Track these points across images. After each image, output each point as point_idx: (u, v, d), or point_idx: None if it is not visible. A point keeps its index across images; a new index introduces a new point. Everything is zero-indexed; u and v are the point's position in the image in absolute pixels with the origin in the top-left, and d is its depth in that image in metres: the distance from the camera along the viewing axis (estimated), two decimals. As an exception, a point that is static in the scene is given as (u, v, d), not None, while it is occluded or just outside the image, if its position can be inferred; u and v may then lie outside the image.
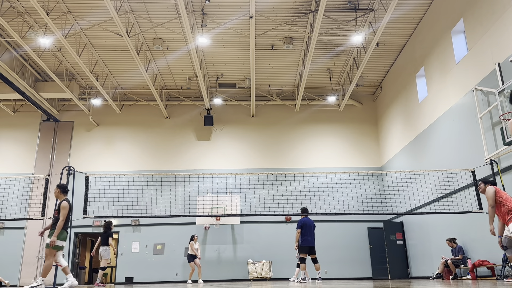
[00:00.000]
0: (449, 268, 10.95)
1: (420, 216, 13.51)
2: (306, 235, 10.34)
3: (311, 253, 10.41)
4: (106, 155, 17.21)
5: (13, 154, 17.18)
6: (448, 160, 11.48)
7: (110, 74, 16.11)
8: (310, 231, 10.41)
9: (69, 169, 9.25)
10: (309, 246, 10.34)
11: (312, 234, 10.42)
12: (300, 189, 15.82)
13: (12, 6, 11.89)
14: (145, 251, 16.02)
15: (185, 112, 17.85)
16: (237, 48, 14.39)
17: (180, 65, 15.57)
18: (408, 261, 14.92)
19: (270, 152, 17.30)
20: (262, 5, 11.99)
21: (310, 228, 10.42)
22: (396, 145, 15.52)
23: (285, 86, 17.27)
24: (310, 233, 10.38)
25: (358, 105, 17.89)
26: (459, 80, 10.87)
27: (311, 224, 10.52)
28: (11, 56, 14.10)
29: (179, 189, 15.65)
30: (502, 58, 8.96)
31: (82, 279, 17.46)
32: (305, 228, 10.39)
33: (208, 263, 15.87)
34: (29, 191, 16.14)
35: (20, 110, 17.71)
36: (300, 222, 10.49)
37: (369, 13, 12.30)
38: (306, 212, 10.69)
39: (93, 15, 12.37)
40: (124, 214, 14.68)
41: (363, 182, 16.55)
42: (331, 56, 14.93)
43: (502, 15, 8.96)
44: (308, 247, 10.33)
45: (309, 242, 10.31)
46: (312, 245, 10.38)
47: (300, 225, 10.43)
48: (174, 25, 12.91)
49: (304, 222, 10.47)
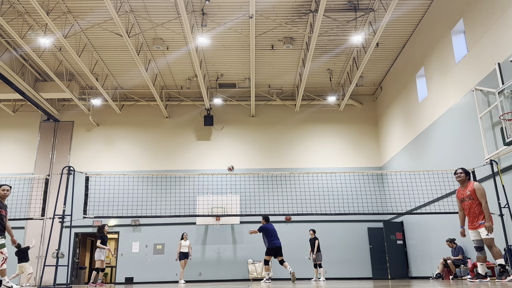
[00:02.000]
0: (449, 268, 10.94)
1: (420, 216, 13.51)
2: (272, 237, 10.44)
3: (278, 255, 10.49)
4: (106, 155, 17.21)
5: (13, 154, 17.17)
6: (448, 160, 11.47)
7: (110, 74, 16.11)
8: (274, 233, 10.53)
9: (69, 169, 9.24)
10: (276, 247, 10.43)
11: (277, 236, 10.55)
12: (300, 189, 15.81)
13: (12, 6, 11.89)
14: (145, 251, 16.02)
15: (185, 112, 17.84)
16: (237, 48, 14.39)
17: (180, 65, 15.56)
18: (408, 261, 14.92)
19: (270, 152, 17.30)
20: (262, 5, 11.99)
21: (274, 232, 10.54)
22: (396, 145, 15.51)
23: (285, 86, 17.26)
24: (275, 235, 10.52)
25: (358, 105, 17.88)
26: (459, 80, 10.87)
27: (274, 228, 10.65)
28: (11, 56, 14.10)
29: (179, 189, 15.64)
30: (502, 58, 8.96)
31: (82, 279, 17.47)
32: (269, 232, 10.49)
33: (208, 263, 15.87)
34: (29, 191, 16.12)
35: (20, 110, 17.71)
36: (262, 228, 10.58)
37: (369, 13, 12.30)
38: (267, 220, 10.78)
39: (93, 15, 12.36)
40: (124, 214, 14.67)
41: (363, 182, 16.54)
42: (331, 56, 14.93)
43: (502, 15, 8.96)
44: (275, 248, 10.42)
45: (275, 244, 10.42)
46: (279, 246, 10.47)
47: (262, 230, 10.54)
48: (174, 25, 12.90)
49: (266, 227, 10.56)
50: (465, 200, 7.03)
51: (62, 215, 8.84)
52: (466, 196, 7.00)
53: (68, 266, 9.09)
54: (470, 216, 6.98)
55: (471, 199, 6.93)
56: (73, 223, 10.25)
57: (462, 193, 7.11)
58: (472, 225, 6.94)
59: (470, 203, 6.94)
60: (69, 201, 9.32)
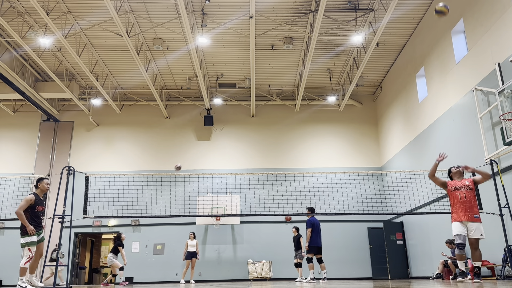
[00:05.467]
0: (449, 268, 10.94)
1: (420, 216, 13.50)
2: (315, 235, 10.47)
3: (318, 253, 10.56)
4: (106, 155, 17.20)
5: (13, 154, 17.17)
6: (448, 160, 11.45)
7: (110, 74, 16.11)
8: (319, 231, 10.60)
9: (69, 169, 9.24)
10: (317, 247, 10.51)
11: (320, 234, 10.61)
12: (300, 189, 15.80)
13: (12, 6, 11.89)
14: (145, 251, 16.01)
15: (185, 112, 17.84)
16: (237, 48, 14.39)
17: (180, 65, 15.56)
18: (408, 261, 14.91)
19: (270, 152, 17.30)
20: (262, 5, 11.98)
21: (318, 228, 10.60)
22: (396, 145, 15.51)
23: (285, 86, 17.26)
24: (318, 233, 10.56)
25: (358, 105, 17.88)
26: (459, 80, 10.87)
27: (319, 224, 10.72)
28: (11, 56, 14.09)
29: (179, 189, 15.63)
30: (502, 58, 8.96)
31: (82, 279, 17.47)
32: (315, 228, 10.54)
33: (208, 263, 15.86)
34: (29, 191, 16.09)
35: (20, 110, 17.70)
36: (310, 222, 10.61)
37: (369, 13, 12.30)
38: (313, 211, 10.85)
39: (93, 15, 12.36)
40: (124, 214, 14.66)
41: (363, 182, 16.53)
42: (331, 56, 14.93)
43: (502, 15, 8.96)
44: (316, 247, 10.49)
45: (318, 243, 10.49)
46: (320, 245, 10.57)
47: (311, 225, 10.55)
48: (174, 25, 12.90)
49: (313, 221, 10.62)
50: (462, 189, 6.81)
51: (62, 215, 8.84)
52: (464, 186, 6.84)
53: (68, 266, 9.09)
54: (464, 205, 6.70)
55: (469, 189, 6.81)
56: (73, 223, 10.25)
57: (458, 183, 6.92)
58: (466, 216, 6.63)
59: (467, 193, 6.77)
60: (69, 201, 9.32)
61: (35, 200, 6.92)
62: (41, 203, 7.06)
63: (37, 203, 6.93)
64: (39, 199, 7.02)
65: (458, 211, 6.76)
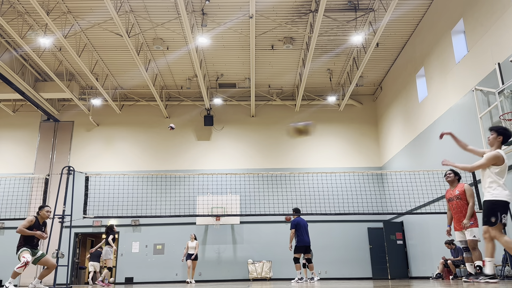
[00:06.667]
0: (449, 268, 10.94)
1: (420, 216, 13.50)
2: (302, 234, 10.35)
3: (306, 253, 10.44)
4: (106, 155, 17.20)
5: (13, 154, 17.17)
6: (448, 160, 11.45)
7: (110, 74, 16.11)
8: (305, 230, 10.42)
9: (69, 169, 9.24)
10: (305, 246, 10.36)
11: (307, 233, 10.43)
12: (300, 189, 15.79)
13: (12, 6, 11.89)
14: (145, 251, 16.01)
15: (185, 112, 17.84)
16: (237, 48, 14.39)
17: (180, 65, 15.56)
18: (408, 261, 14.91)
19: (270, 152, 17.29)
20: (262, 5, 11.98)
21: (304, 228, 10.43)
22: (396, 145, 15.51)
23: (285, 86, 17.26)
24: (305, 232, 10.40)
25: (358, 105, 17.88)
26: (459, 80, 10.86)
27: (305, 223, 10.52)
28: (11, 56, 14.09)
29: (179, 189, 15.62)
30: (502, 58, 8.96)
31: (82, 279, 17.47)
32: (299, 227, 10.40)
33: (208, 263, 15.86)
34: (29, 191, 16.09)
35: (20, 110, 17.70)
36: (293, 222, 10.49)
37: (369, 13, 12.30)
38: (298, 212, 10.72)
39: (93, 15, 12.36)
40: (124, 214, 14.65)
41: (363, 182, 16.53)
42: (331, 56, 14.93)
43: (502, 15, 8.96)
44: (304, 246, 10.35)
45: (305, 242, 10.33)
46: (308, 244, 10.41)
47: (294, 225, 10.43)
48: (174, 25, 12.90)
49: (297, 221, 10.47)
50: (452, 199, 7.11)
51: (62, 215, 8.84)
52: (454, 196, 7.08)
53: (68, 266, 9.09)
54: (456, 216, 7.03)
55: (458, 199, 7.01)
56: (73, 223, 10.23)
57: (451, 193, 7.20)
58: (458, 226, 6.98)
59: (457, 203, 7.01)
60: (69, 201, 9.32)
61: (34, 223, 7.47)
62: (39, 229, 7.55)
63: (35, 225, 7.48)
64: (38, 224, 7.54)
65: (455, 221, 7.14)
